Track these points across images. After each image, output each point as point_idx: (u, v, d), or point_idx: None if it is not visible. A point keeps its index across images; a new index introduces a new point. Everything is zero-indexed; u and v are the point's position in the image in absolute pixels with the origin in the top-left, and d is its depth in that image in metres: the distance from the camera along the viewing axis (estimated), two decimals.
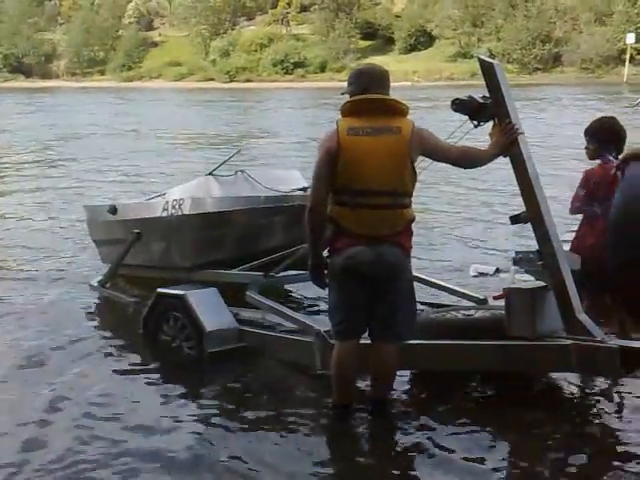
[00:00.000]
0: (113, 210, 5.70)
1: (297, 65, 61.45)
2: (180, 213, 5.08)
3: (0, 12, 74.95)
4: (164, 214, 5.20)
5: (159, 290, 4.68)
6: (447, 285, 4.93)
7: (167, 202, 5.21)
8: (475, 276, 6.31)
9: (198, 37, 69.68)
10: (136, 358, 4.64)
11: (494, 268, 6.37)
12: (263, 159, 14.46)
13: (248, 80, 60.65)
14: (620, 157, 3.71)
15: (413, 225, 3.54)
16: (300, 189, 5.19)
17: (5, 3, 75.64)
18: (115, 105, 34.78)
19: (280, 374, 4.29)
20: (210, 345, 4.38)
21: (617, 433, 3.56)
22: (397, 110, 3.47)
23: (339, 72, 59.64)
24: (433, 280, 4.95)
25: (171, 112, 30.19)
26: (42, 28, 75.92)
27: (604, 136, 4.15)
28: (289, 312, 4.45)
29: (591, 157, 4.23)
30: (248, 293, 4.63)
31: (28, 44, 72.19)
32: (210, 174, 5.31)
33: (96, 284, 5.77)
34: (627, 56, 44.63)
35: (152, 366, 4.51)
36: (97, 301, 5.85)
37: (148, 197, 6.22)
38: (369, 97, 3.45)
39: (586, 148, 4.23)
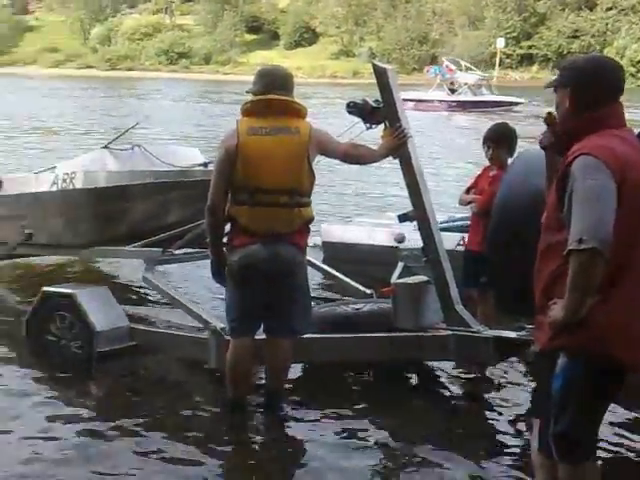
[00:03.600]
0: None
1: (181, 56, 60.47)
2: (72, 187, 4.85)
3: None
4: (54, 188, 4.94)
5: (45, 289, 4.49)
6: (339, 275, 4.94)
7: (57, 176, 4.96)
8: None
9: (77, 22, 67.07)
10: (19, 360, 4.44)
11: None
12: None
13: (130, 69, 59.05)
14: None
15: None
16: (200, 165, 5.06)
17: None
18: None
19: (174, 372, 4.29)
20: (100, 345, 4.28)
21: (488, 415, 3.86)
22: (296, 111, 3.59)
23: (224, 65, 59.25)
24: (327, 269, 4.98)
25: (43, 100, 28.99)
26: None
27: (505, 141, 4.37)
28: (185, 301, 4.37)
29: (496, 162, 4.39)
30: (144, 274, 4.49)
31: None
32: (105, 147, 5.08)
33: None
34: (497, 60, 46.95)
35: (36, 369, 4.34)
36: None
37: (36, 171, 5.80)
38: (269, 98, 3.54)
39: (489, 153, 4.39)
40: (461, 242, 5.28)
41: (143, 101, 30.27)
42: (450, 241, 5.09)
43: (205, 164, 5.03)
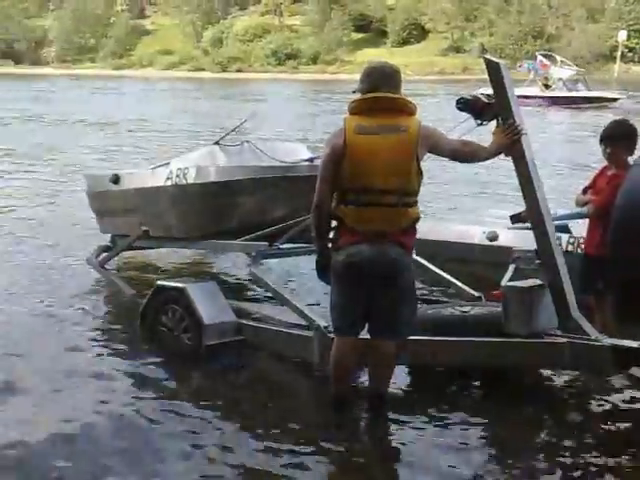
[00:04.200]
0: (115, 179, 5.55)
1: (290, 56, 61.26)
2: (184, 182, 4.99)
3: None
4: (168, 183, 5.11)
5: (158, 282, 4.70)
6: (447, 276, 4.82)
7: (171, 171, 5.11)
8: None
9: (190, 26, 69.33)
10: (133, 350, 4.63)
11: None
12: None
13: (239, 70, 60.42)
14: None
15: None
16: (306, 160, 5.09)
17: None
18: (105, 95, 34.64)
19: (278, 367, 4.33)
20: (208, 338, 4.39)
21: (606, 426, 3.63)
22: (405, 109, 3.49)
23: (331, 64, 59.58)
24: (434, 269, 4.85)
25: (157, 101, 30.21)
26: (33, 14, 75.41)
27: (625, 139, 4.11)
28: (290, 298, 4.39)
29: (614, 161, 4.13)
30: (251, 268, 4.56)
31: (19, 30, 71.68)
32: (216, 143, 5.20)
33: (94, 259, 5.75)
34: (618, 53, 44.85)
35: (148, 359, 4.49)
36: (92, 283, 5.87)
37: (152, 166, 6.01)
38: (377, 95, 3.46)
39: (608, 152, 4.16)
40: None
41: (251, 101, 30.88)
42: None
43: (311, 159, 5.04)
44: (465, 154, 3.63)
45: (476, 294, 4.59)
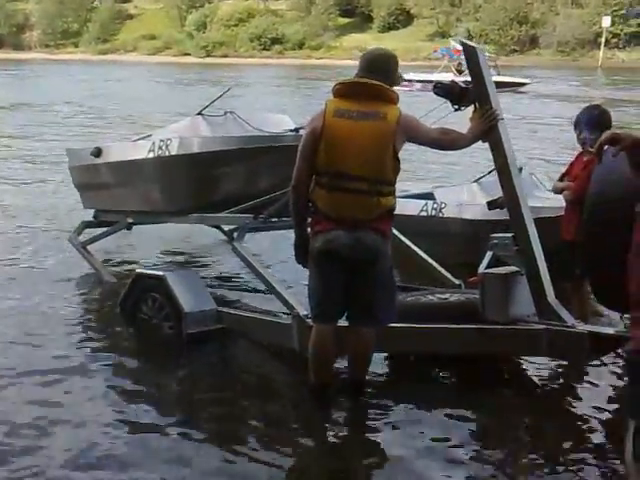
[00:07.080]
0: (97, 152, 5.39)
1: (275, 41, 60.83)
2: (167, 154, 4.86)
3: None
4: (150, 155, 4.96)
5: (138, 271, 4.66)
6: (430, 262, 4.74)
7: (153, 143, 4.96)
8: None
9: (174, 9, 68.63)
10: (112, 338, 4.62)
11: None
12: None
13: (225, 55, 59.95)
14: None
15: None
16: (292, 130, 5.00)
17: None
18: (87, 81, 34.33)
19: (259, 355, 4.31)
20: (189, 326, 4.37)
21: (582, 415, 3.64)
22: (385, 97, 3.46)
23: (317, 50, 59.26)
24: (420, 253, 4.78)
25: (138, 86, 30.09)
26: None
27: (601, 124, 4.11)
28: (270, 279, 4.34)
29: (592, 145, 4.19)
30: (234, 243, 4.49)
31: (0, 14, 70.73)
32: (199, 114, 5.09)
33: (76, 239, 5.71)
34: (603, 39, 44.94)
35: (128, 346, 4.50)
36: (74, 270, 5.83)
37: (134, 139, 5.82)
38: (359, 81, 3.46)
39: (582, 138, 4.20)
40: None
41: (235, 86, 30.72)
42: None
43: (296, 129, 4.96)
44: (444, 142, 3.62)
45: (456, 281, 4.59)
